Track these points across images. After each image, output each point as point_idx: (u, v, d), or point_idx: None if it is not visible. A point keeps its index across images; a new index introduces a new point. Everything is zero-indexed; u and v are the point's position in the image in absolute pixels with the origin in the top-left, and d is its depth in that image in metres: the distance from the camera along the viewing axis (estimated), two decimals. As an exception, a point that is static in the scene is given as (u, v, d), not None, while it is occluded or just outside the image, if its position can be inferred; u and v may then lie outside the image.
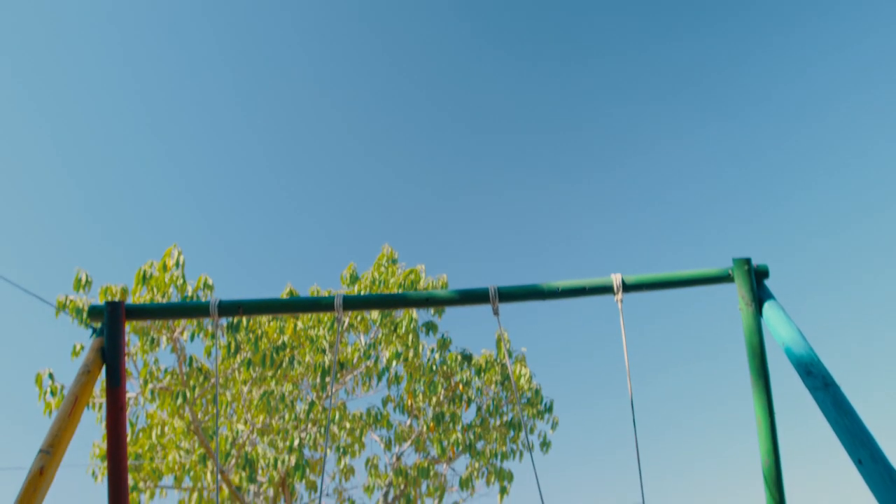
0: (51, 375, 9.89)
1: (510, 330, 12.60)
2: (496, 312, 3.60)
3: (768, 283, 3.77)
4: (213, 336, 10.07)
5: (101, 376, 3.85)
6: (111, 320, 3.73)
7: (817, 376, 3.21)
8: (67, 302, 9.72)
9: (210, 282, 9.54)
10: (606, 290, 3.66)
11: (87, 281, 9.66)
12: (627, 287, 3.66)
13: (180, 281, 9.44)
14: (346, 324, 11.34)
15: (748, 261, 3.67)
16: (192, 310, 4.13)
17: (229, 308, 3.74)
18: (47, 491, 3.23)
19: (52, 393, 9.83)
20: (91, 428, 12.74)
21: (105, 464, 11.14)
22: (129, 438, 10.48)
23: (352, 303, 3.65)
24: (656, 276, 3.72)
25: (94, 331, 3.89)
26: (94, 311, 3.86)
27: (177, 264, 9.44)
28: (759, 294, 3.65)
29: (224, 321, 9.84)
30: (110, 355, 3.73)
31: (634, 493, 3.32)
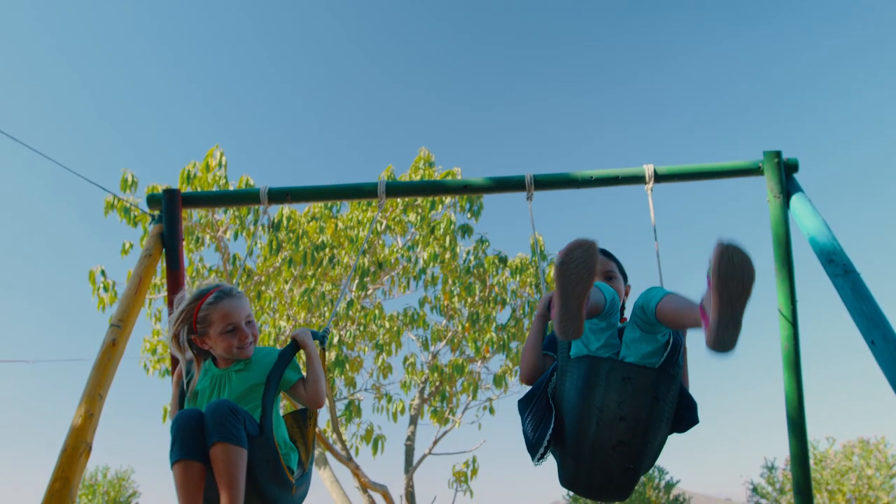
0: (103, 272, 10.34)
1: (545, 235, 12.75)
2: (530, 198, 3.74)
3: (798, 177, 3.86)
4: (256, 231, 10.40)
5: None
6: (169, 207, 3.97)
7: (838, 264, 3.34)
8: (115, 202, 10.08)
9: (252, 182, 9.77)
10: (638, 179, 3.77)
11: (132, 181, 9.95)
12: (659, 177, 3.76)
13: (223, 181, 9.68)
14: (383, 225, 11.59)
15: (778, 153, 3.75)
16: (243, 197, 4.35)
17: (278, 195, 3.94)
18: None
19: (105, 289, 10.29)
20: (142, 324, 13.34)
21: (155, 357, 11.76)
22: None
23: (394, 189, 3.82)
24: (687, 167, 3.81)
25: (153, 218, 4.14)
26: (152, 200, 4.10)
27: (219, 164, 9.66)
28: (788, 187, 3.74)
29: (266, 220, 10.14)
30: (169, 240, 3.99)
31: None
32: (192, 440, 2.59)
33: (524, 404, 3.02)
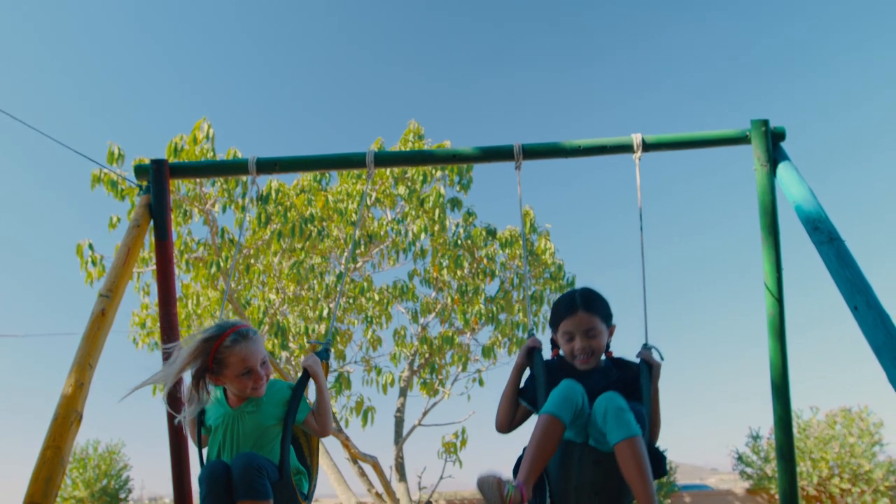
0: (91, 246, 10.29)
1: (536, 207, 12.79)
2: (518, 168, 3.75)
3: (784, 146, 3.88)
4: (245, 203, 10.36)
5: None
6: (156, 177, 3.95)
7: (823, 231, 3.37)
8: (102, 175, 10.00)
9: (239, 155, 9.70)
10: (626, 148, 3.78)
11: (119, 154, 9.87)
12: (647, 146, 3.77)
13: (210, 154, 9.63)
14: (373, 198, 11.57)
15: (766, 122, 3.76)
16: (231, 167, 4.33)
17: (267, 165, 3.93)
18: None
19: (93, 262, 10.26)
20: (130, 298, 13.30)
21: (144, 331, 11.76)
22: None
23: (382, 159, 3.82)
24: (675, 136, 3.82)
25: (141, 189, 4.12)
26: (140, 170, 4.07)
27: (207, 137, 9.60)
28: (775, 155, 3.76)
29: (255, 192, 10.10)
30: (157, 210, 3.97)
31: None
32: (222, 494, 2.85)
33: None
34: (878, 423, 16.59)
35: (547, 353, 3.32)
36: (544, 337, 3.36)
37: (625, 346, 3.37)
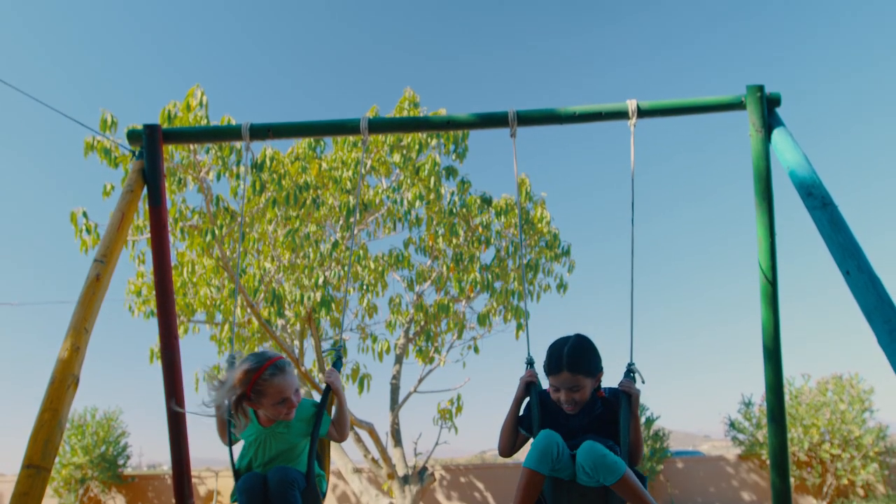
0: (84, 214, 10.25)
1: (531, 175, 12.77)
2: (513, 135, 3.75)
3: (780, 111, 3.87)
4: (239, 171, 10.32)
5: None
6: (150, 143, 3.93)
7: (817, 197, 3.38)
8: (95, 143, 9.92)
9: (233, 122, 9.64)
10: (622, 115, 3.77)
11: (112, 122, 9.78)
12: (642, 112, 3.75)
13: (204, 121, 9.55)
14: (368, 166, 11.52)
15: (761, 88, 3.75)
16: (225, 133, 4.31)
17: (260, 130, 3.91)
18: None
19: (87, 231, 10.22)
20: (125, 266, 13.29)
21: (140, 299, 11.77)
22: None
23: (377, 125, 3.80)
24: (670, 102, 3.81)
25: (134, 155, 4.10)
26: (133, 135, 4.05)
27: (200, 104, 9.51)
28: (770, 121, 3.75)
29: (248, 160, 10.04)
30: (150, 176, 3.96)
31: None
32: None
33: None
34: (868, 390, 16.79)
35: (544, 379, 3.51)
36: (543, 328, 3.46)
37: (617, 333, 3.47)
